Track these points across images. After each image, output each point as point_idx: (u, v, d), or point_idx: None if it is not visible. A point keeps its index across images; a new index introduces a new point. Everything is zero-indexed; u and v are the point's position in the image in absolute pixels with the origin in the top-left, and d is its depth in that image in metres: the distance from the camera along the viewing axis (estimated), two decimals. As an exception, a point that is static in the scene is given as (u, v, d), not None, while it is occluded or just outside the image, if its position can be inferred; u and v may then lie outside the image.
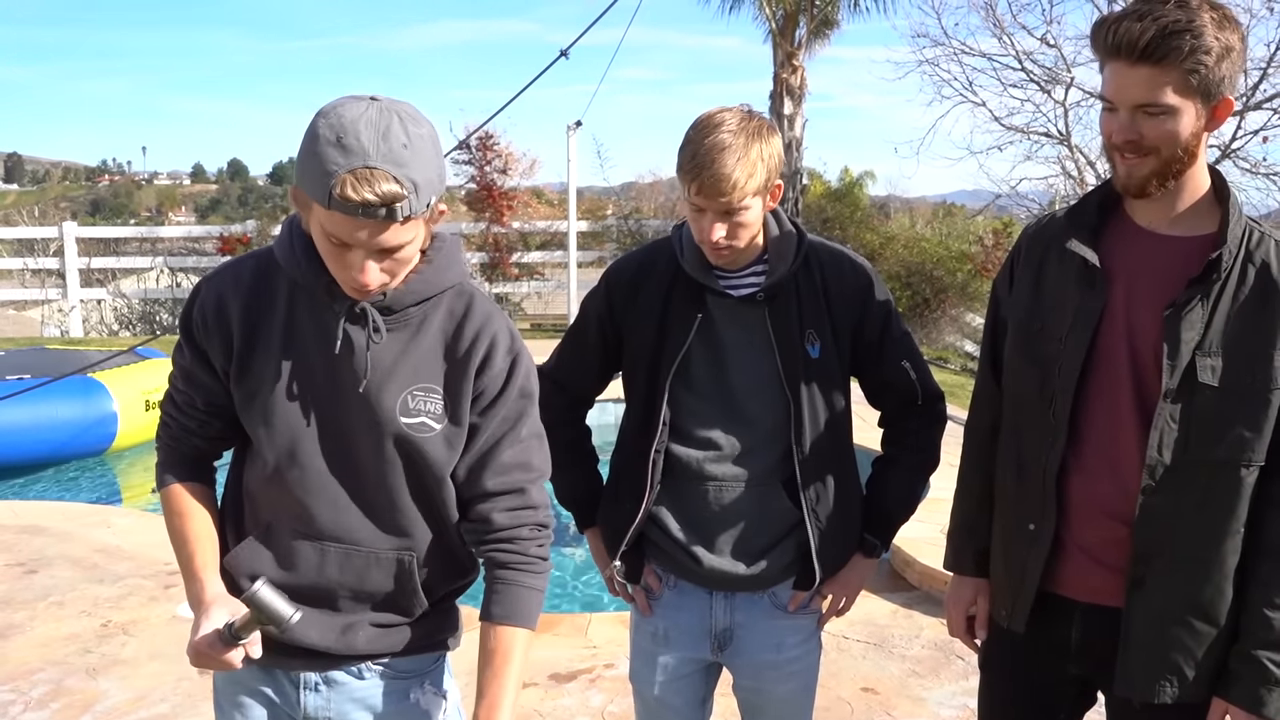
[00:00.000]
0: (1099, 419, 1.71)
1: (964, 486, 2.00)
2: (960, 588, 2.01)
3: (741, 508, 1.98)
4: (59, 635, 4.05)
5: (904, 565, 4.62)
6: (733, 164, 1.78)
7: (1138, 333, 1.67)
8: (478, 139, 13.62)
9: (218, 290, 1.56)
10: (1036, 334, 1.77)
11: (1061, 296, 1.75)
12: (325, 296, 1.52)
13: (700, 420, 1.97)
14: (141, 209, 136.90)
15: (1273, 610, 1.63)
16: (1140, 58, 1.55)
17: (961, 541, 2.00)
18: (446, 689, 1.75)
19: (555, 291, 14.67)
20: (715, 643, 2.07)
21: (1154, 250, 1.69)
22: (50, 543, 5.14)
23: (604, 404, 2.18)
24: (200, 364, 1.59)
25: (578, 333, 2.14)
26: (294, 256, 1.51)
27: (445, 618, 1.74)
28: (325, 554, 1.58)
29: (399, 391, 1.54)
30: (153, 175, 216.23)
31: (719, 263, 1.94)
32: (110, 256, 14.45)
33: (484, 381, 1.56)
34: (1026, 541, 1.79)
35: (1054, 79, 11.42)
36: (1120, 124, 1.61)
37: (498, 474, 1.59)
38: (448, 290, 1.56)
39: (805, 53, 13.38)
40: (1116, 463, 1.70)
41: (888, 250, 15.22)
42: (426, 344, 1.55)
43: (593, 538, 2.19)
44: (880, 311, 2.02)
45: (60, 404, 6.71)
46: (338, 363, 1.53)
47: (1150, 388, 1.66)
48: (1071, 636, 1.79)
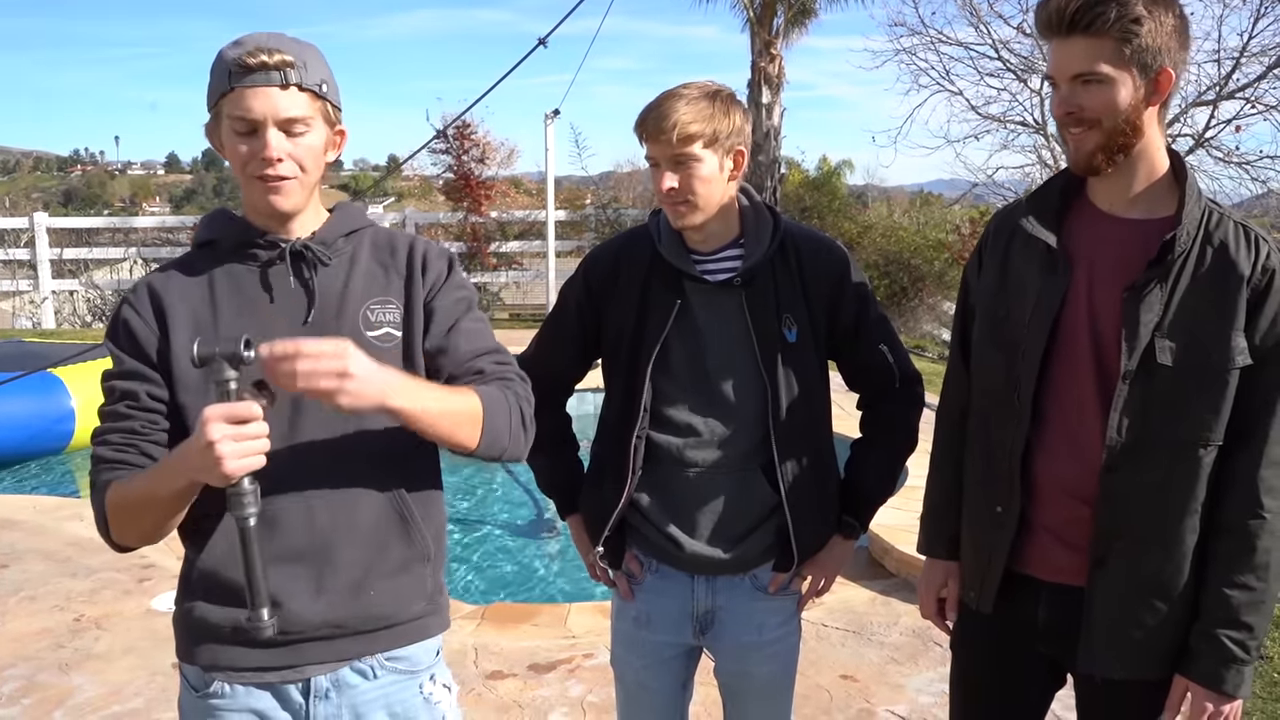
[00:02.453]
0: (1062, 401, 1.74)
1: (935, 471, 2.02)
2: (931, 571, 2.03)
3: (721, 492, 1.98)
4: (31, 630, 4.01)
5: (882, 553, 4.64)
6: (678, 106, 1.84)
7: (1099, 315, 1.69)
8: (455, 128, 13.53)
9: (133, 303, 1.60)
10: (1002, 319, 1.79)
11: (1025, 281, 1.77)
12: (257, 249, 1.60)
13: (679, 406, 1.97)
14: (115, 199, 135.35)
15: (1231, 589, 1.66)
16: (1070, 28, 1.60)
17: (933, 525, 2.02)
18: (448, 683, 1.75)
19: (534, 281, 14.63)
20: (697, 626, 2.07)
21: (1114, 233, 1.71)
22: (22, 537, 5.08)
23: (583, 393, 2.17)
24: (136, 359, 1.57)
25: (556, 321, 2.13)
26: (219, 224, 1.64)
27: (439, 591, 1.72)
28: (311, 507, 1.56)
29: (356, 310, 1.61)
30: (126, 165, 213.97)
31: (678, 225, 1.93)
32: (83, 247, 14.30)
33: (429, 279, 1.67)
34: (993, 523, 1.82)
35: (1030, 68, 11.48)
36: (1061, 97, 1.65)
37: (471, 340, 1.66)
38: (365, 229, 1.69)
39: (783, 42, 13.39)
40: (1079, 444, 1.72)
41: (865, 239, 15.27)
42: (364, 267, 1.65)
43: (574, 524, 2.19)
44: (856, 294, 2.02)
45: (14, 401, 6.52)
46: (281, 309, 1.59)
47: (1112, 369, 1.68)
48: (1038, 616, 1.81)
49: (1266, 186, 11.01)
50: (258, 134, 1.52)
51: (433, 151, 14.08)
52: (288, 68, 1.51)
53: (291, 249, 1.61)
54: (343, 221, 1.67)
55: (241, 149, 1.54)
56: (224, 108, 1.53)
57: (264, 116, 1.51)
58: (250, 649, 1.57)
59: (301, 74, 1.53)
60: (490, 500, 6.54)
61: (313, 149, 1.57)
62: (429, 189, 18.22)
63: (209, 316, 1.58)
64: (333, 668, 1.61)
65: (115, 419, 1.56)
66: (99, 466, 1.56)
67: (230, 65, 1.50)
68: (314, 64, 1.56)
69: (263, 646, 1.56)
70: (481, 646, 3.83)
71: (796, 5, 13.45)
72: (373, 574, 1.60)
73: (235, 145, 1.54)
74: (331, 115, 1.60)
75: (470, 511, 6.32)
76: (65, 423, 6.82)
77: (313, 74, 1.55)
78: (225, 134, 1.55)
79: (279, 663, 1.59)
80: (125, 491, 1.51)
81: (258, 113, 1.51)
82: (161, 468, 1.47)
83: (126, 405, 1.56)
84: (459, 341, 1.65)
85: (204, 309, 1.59)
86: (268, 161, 1.53)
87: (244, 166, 1.55)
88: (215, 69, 1.54)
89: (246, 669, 1.59)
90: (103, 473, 1.55)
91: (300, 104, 1.54)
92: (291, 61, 1.52)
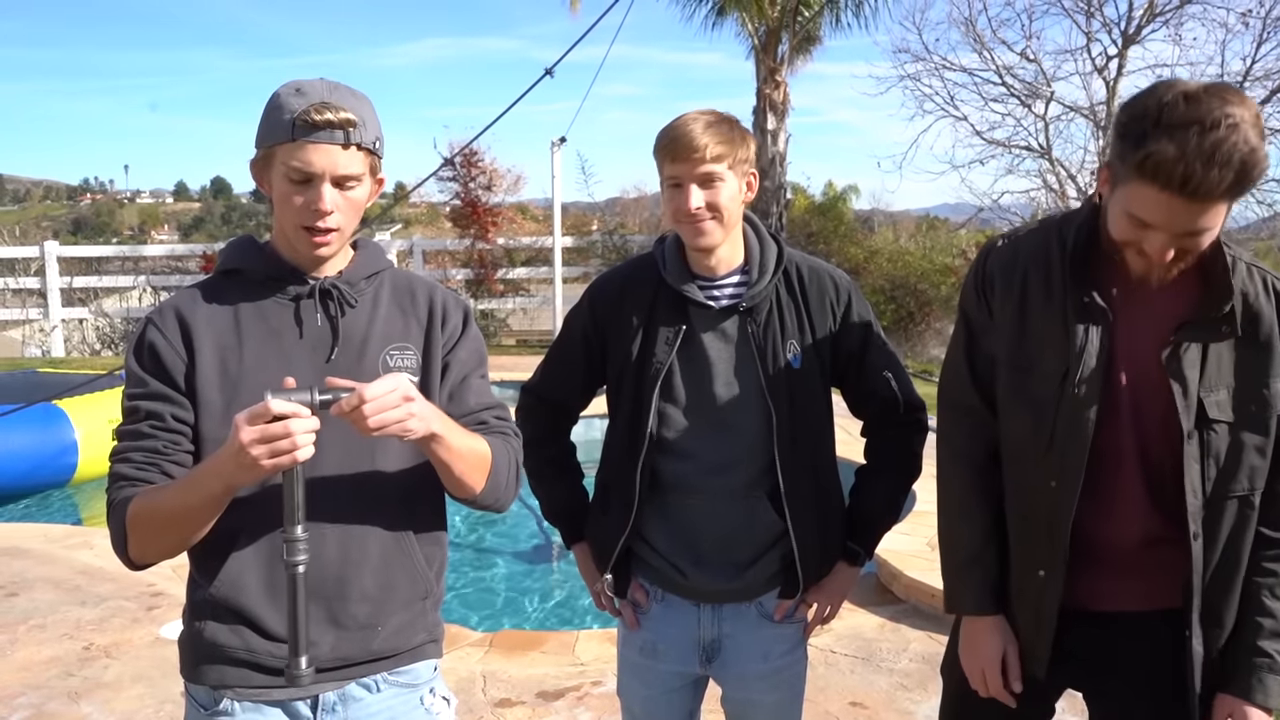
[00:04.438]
0: (1104, 462, 1.70)
1: (964, 522, 1.87)
2: (986, 635, 1.84)
3: (726, 520, 1.99)
4: (40, 659, 4.01)
5: (890, 578, 4.62)
6: (702, 128, 1.88)
7: (1139, 372, 1.67)
8: (462, 156, 13.62)
9: (159, 325, 1.62)
10: (1026, 372, 1.74)
11: (1050, 335, 1.72)
12: (286, 283, 1.63)
13: (684, 433, 1.98)
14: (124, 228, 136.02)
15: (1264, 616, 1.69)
16: (1205, 197, 1.46)
17: (978, 578, 1.85)
18: (447, 695, 1.79)
19: (540, 307, 14.66)
20: (703, 655, 2.07)
21: (1148, 290, 1.66)
22: (31, 565, 5.09)
23: (589, 419, 2.18)
24: (162, 381, 1.59)
25: (562, 348, 2.14)
26: (249, 254, 1.66)
27: (438, 624, 1.77)
28: (325, 538, 1.58)
29: (377, 353, 1.66)
30: (135, 193, 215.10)
31: (700, 244, 1.94)
32: (92, 275, 14.37)
33: (447, 330, 1.73)
34: (1037, 589, 1.77)
35: (1034, 93, 11.57)
36: (1160, 245, 1.55)
37: (479, 395, 1.74)
38: (385, 270, 1.74)
39: (788, 68, 13.46)
40: (1119, 506, 1.71)
41: (872, 264, 15.29)
42: (385, 311, 1.70)
43: (580, 553, 2.19)
44: (860, 322, 2.03)
45: (14, 433, 6.36)
46: (306, 345, 1.62)
47: (1148, 429, 1.67)
48: (1062, 643, 1.78)
49: (1273, 210, 11.02)
50: (312, 185, 1.56)
51: (440, 179, 14.17)
52: (350, 127, 1.55)
53: (321, 287, 1.64)
54: (367, 263, 1.71)
55: (296, 200, 1.57)
56: (280, 154, 1.56)
57: (323, 172, 1.55)
58: (258, 672, 1.60)
59: (362, 133, 1.57)
60: (498, 527, 6.53)
61: (359, 202, 1.62)
62: (436, 216, 18.32)
63: (234, 344, 1.60)
64: (339, 686, 1.65)
65: (137, 438, 1.58)
66: (118, 484, 1.57)
67: (294, 117, 1.53)
68: (370, 121, 1.59)
69: (273, 672, 1.58)
70: (490, 674, 3.82)
71: (801, 33, 13.54)
72: (382, 610, 1.64)
73: (288, 193, 1.57)
74: (378, 167, 1.65)
75: (479, 538, 6.31)
76: (68, 455, 6.69)
77: (370, 131, 1.59)
78: (277, 179, 1.58)
79: (284, 694, 1.61)
80: (153, 503, 1.52)
81: (318, 168, 1.54)
82: (195, 476, 1.49)
83: (150, 425, 1.57)
84: (468, 396, 1.72)
85: (229, 337, 1.61)
86: (319, 214, 1.57)
87: (294, 215, 1.58)
88: (273, 114, 1.56)
89: (256, 687, 1.61)
90: (122, 489, 1.56)
91: (357, 162, 1.58)
92: (354, 121, 1.55)
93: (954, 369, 1.90)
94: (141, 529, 1.53)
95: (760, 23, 13.29)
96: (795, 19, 13.13)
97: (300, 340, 1.63)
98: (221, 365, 1.59)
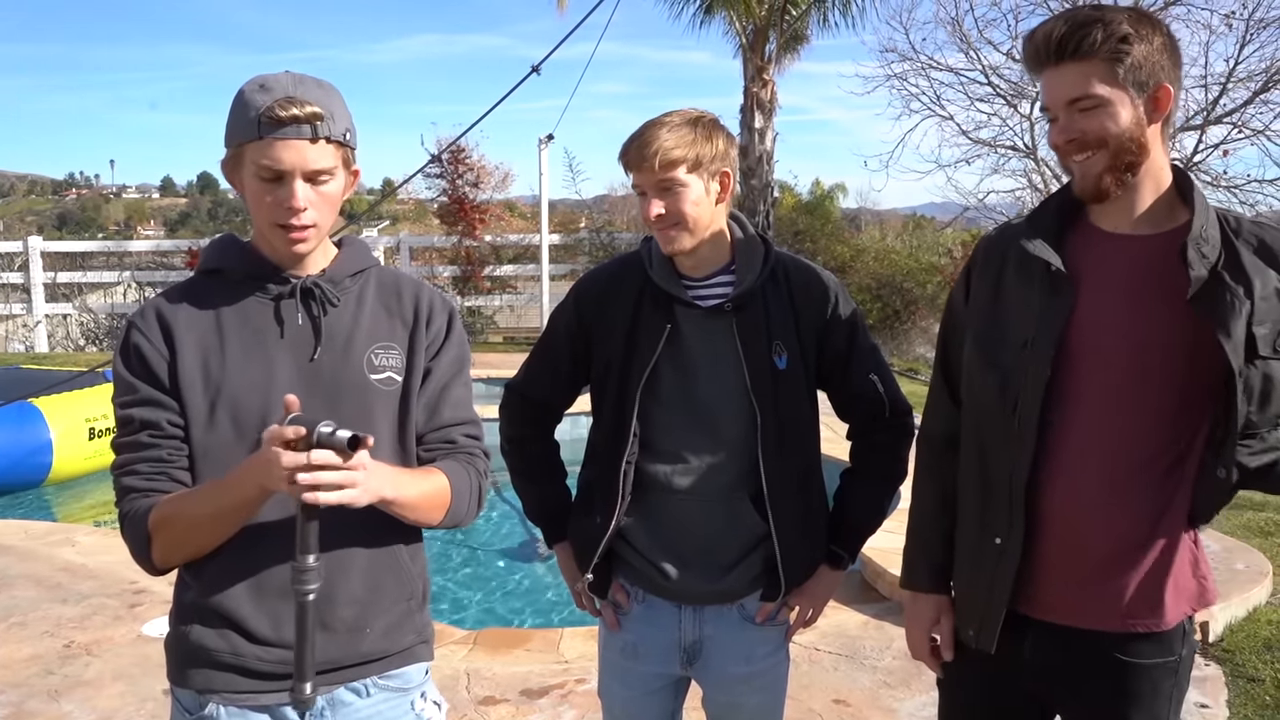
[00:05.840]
0: (1069, 427, 1.70)
1: (916, 499, 1.96)
2: (919, 606, 1.95)
3: (709, 521, 1.98)
4: (20, 656, 3.98)
5: (875, 577, 4.64)
6: (660, 134, 1.87)
7: (1105, 334, 1.67)
8: (449, 152, 13.59)
9: (141, 328, 1.61)
10: (996, 340, 1.75)
11: (1021, 302, 1.74)
12: (267, 282, 1.62)
13: (668, 433, 1.98)
14: (109, 223, 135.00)
15: None
16: (1059, 55, 1.61)
17: (916, 556, 1.95)
18: (438, 700, 1.78)
19: (528, 305, 14.66)
20: (684, 656, 2.07)
21: (1119, 251, 1.69)
22: (12, 562, 5.05)
23: (575, 417, 2.18)
24: (152, 385, 1.59)
25: (546, 346, 2.14)
26: (230, 253, 1.66)
27: (426, 625, 1.76)
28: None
29: (362, 352, 1.65)
30: (121, 188, 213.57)
31: (670, 250, 1.94)
32: (77, 271, 14.28)
33: (432, 332, 1.72)
34: (993, 556, 1.76)
35: (1020, 93, 11.58)
36: (1060, 126, 1.65)
37: (454, 408, 1.73)
38: (370, 269, 1.73)
39: (775, 67, 13.46)
40: (1084, 471, 1.69)
41: (858, 262, 15.34)
42: (370, 309, 1.69)
43: (562, 552, 2.18)
44: (847, 324, 2.03)
45: None
46: (288, 345, 1.61)
47: (1121, 390, 1.66)
48: (1024, 653, 1.78)
49: (1255, 210, 11.08)
50: (283, 182, 1.54)
51: (427, 175, 14.14)
52: (317, 120, 1.53)
53: (302, 286, 1.63)
54: (351, 261, 1.70)
55: (268, 198, 1.55)
56: (249, 153, 1.54)
57: (293, 168, 1.53)
58: (244, 677, 1.59)
59: (330, 125, 1.55)
60: (483, 525, 6.53)
61: (333, 196, 1.60)
62: (424, 212, 18.28)
63: (216, 345, 1.60)
64: (328, 690, 1.63)
65: (139, 449, 1.57)
66: (130, 496, 1.57)
67: (259, 114, 1.51)
68: (339, 112, 1.57)
69: (260, 677, 1.58)
70: (474, 672, 3.81)
71: (789, 31, 13.54)
72: (369, 612, 1.64)
73: (260, 192, 1.56)
74: (351, 159, 1.63)
75: (463, 537, 6.30)
76: (42, 454, 6.59)
77: (339, 124, 1.57)
78: (248, 178, 1.56)
79: (276, 689, 1.59)
80: (180, 509, 1.53)
81: (287, 164, 1.53)
82: (228, 482, 1.49)
83: (149, 434, 1.57)
84: (443, 409, 1.72)
85: (211, 338, 1.60)
86: (293, 211, 1.55)
87: (268, 213, 1.57)
88: (239, 112, 1.54)
89: (242, 692, 1.60)
90: (135, 500, 1.56)
91: (328, 156, 1.56)
92: (321, 114, 1.53)
93: (935, 357, 1.96)
94: (168, 534, 1.55)
95: (748, 21, 13.29)
96: (783, 18, 13.14)
97: (281, 340, 1.62)
98: (204, 366, 1.59)
